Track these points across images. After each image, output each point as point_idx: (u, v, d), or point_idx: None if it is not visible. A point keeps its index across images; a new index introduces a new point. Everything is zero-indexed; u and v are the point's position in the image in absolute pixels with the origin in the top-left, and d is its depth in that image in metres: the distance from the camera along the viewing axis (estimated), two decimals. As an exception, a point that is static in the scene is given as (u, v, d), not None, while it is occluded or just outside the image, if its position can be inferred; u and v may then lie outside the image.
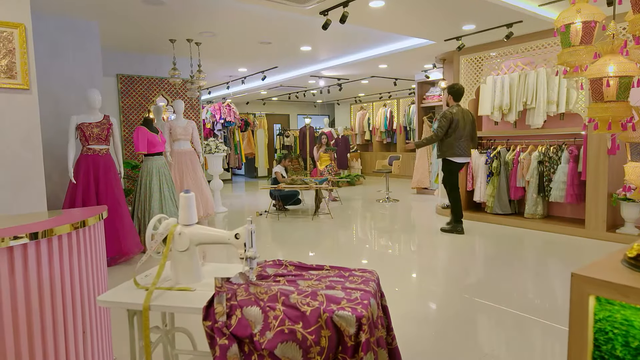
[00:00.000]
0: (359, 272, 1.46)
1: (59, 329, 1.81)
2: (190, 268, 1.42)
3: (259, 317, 1.17)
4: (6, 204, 2.78)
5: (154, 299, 1.30)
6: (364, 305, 1.18)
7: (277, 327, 1.13)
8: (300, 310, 1.16)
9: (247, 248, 1.33)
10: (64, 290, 1.84)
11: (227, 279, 1.29)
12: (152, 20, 4.72)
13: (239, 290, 1.25)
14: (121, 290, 1.39)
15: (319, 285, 1.32)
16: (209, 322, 1.18)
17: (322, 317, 1.13)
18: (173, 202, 4.82)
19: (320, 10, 4.10)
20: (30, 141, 2.88)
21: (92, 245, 2.07)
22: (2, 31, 2.75)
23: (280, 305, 1.19)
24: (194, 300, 1.30)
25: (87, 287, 2.01)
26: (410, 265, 4.04)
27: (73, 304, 1.90)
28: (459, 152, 4.86)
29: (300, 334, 1.11)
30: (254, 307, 1.19)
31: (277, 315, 1.15)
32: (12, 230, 1.75)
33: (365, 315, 1.14)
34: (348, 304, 1.17)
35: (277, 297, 1.21)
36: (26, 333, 1.69)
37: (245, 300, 1.21)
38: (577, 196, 5.00)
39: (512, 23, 4.71)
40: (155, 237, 1.41)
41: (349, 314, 1.13)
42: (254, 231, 1.34)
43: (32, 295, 1.71)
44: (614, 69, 2.91)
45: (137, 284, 1.40)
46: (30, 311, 1.70)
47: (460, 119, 4.81)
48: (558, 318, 2.72)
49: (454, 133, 4.83)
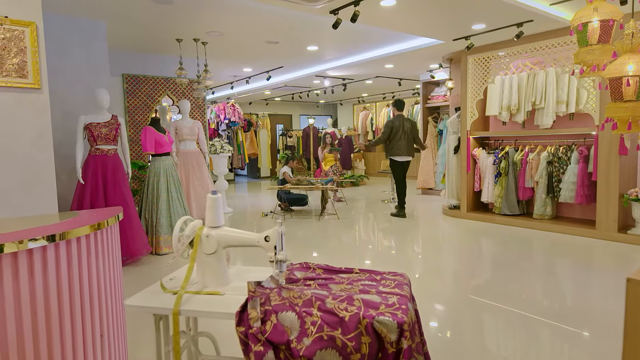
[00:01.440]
0: (390, 275, 1.43)
1: (77, 333, 1.77)
2: (217, 271, 1.39)
3: (295, 323, 1.13)
4: (18, 205, 2.74)
5: (183, 304, 1.26)
6: (404, 310, 1.14)
7: (315, 334, 1.09)
8: (338, 315, 1.12)
9: (278, 251, 1.30)
10: (82, 293, 1.80)
11: (259, 282, 1.25)
12: (160, 20, 4.68)
13: (271, 294, 1.22)
14: (148, 294, 1.36)
15: (352, 290, 1.28)
16: (243, 327, 1.14)
17: (362, 323, 1.09)
18: (181, 202, 4.78)
19: (330, 10, 4.07)
20: (41, 142, 2.84)
21: (109, 247, 2.03)
22: (13, 30, 2.71)
23: (316, 310, 1.15)
24: (223, 304, 1.26)
25: (105, 289, 1.97)
26: (417, 266, 4.00)
27: (91, 307, 1.86)
28: (398, 152, 6.11)
29: (340, 340, 1.08)
30: (289, 313, 1.15)
31: (315, 321, 1.11)
32: (30, 232, 1.71)
33: (406, 321, 1.10)
34: (387, 309, 1.14)
35: (312, 302, 1.17)
36: (45, 338, 1.65)
37: (279, 305, 1.17)
38: (587, 197, 4.97)
39: (523, 22, 4.67)
40: (182, 240, 1.38)
41: (390, 319, 1.10)
42: (284, 233, 1.31)
43: (51, 298, 1.67)
44: (634, 68, 2.88)
45: (164, 288, 1.36)
46: (50, 315, 1.66)
47: (400, 126, 6.06)
48: (567, 320, 2.69)
49: (394, 138, 6.07)
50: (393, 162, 6.24)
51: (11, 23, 2.70)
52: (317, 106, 15.24)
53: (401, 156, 6.12)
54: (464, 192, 6.15)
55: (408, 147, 6.12)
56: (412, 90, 10.99)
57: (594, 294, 3.19)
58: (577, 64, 3.09)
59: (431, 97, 8.96)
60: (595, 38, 2.94)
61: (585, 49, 2.98)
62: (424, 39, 5.88)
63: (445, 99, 8.63)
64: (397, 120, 6.08)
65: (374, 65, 7.35)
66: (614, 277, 3.50)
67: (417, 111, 11.01)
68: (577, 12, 3.04)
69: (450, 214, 6.34)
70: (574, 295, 3.17)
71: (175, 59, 6.27)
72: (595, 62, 2.98)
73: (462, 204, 6.18)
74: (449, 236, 5.21)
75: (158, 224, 4.56)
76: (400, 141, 6.05)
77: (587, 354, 2.28)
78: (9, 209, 2.71)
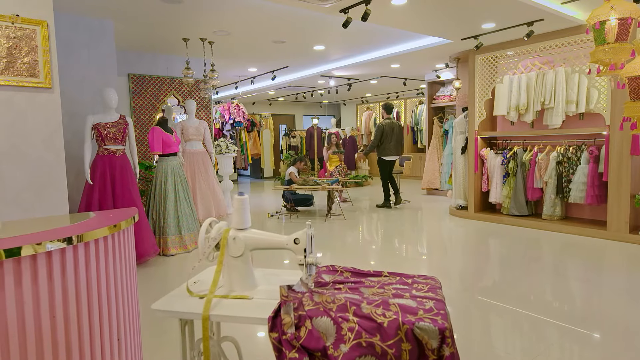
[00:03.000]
0: (421, 278, 1.39)
1: (95, 338, 1.74)
2: (245, 274, 1.35)
3: (331, 329, 1.09)
4: (29, 205, 2.71)
5: (212, 308, 1.22)
6: (443, 315, 1.10)
7: (353, 340, 1.05)
8: (376, 321, 1.08)
9: (308, 254, 1.26)
10: (100, 296, 1.76)
11: (290, 286, 1.21)
12: (167, 19, 4.64)
13: (304, 299, 1.18)
14: (173, 298, 1.32)
15: (385, 294, 1.25)
16: (276, 333, 1.10)
17: (401, 329, 1.06)
18: (188, 203, 4.75)
19: (340, 9, 4.03)
20: (52, 142, 2.80)
21: (125, 249, 2.00)
22: (24, 28, 2.68)
23: (351, 315, 1.11)
24: (253, 309, 1.22)
25: (122, 292, 1.93)
26: (425, 266, 3.96)
27: (109, 311, 1.82)
28: (389, 152, 6.84)
29: (380, 347, 1.04)
30: (324, 318, 1.11)
31: (352, 327, 1.07)
32: (49, 234, 1.67)
33: (447, 327, 1.06)
34: (426, 315, 1.10)
35: (346, 307, 1.14)
36: (64, 342, 1.61)
37: (313, 310, 1.13)
38: (598, 197, 4.92)
39: (533, 21, 4.63)
40: (208, 242, 1.34)
41: (431, 325, 1.06)
42: (313, 236, 1.27)
43: (69, 302, 1.63)
44: (654, 66, 2.83)
45: (190, 292, 1.33)
46: (68, 319, 1.62)
47: (389, 129, 6.76)
48: (578, 321, 2.65)
49: (385, 140, 6.79)
50: (383, 161, 6.94)
51: (22, 22, 2.67)
52: (320, 106, 15.21)
53: (391, 156, 6.88)
54: (471, 193, 6.11)
55: (397, 148, 6.92)
56: (416, 90, 10.95)
57: (605, 295, 3.16)
58: (594, 62, 3.06)
59: (436, 97, 8.92)
60: (613, 36, 2.91)
61: (603, 48, 2.95)
62: (431, 38, 5.84)
63: (450, 99, 8.59)
64: (387, 124, 6.80)
65: (380, 65, 7.32)
66: (626, 279, 3.46)
67: (421, 111, 10.98)
68: (594, 10, 3.00)
69: (457, 215, 6.30)
70: (584, 297, 3.14)
71: (180, 59, 6.24)
72: (613, 61, 2.95)
73: (469, 205, 6.14)
74: (457, 237, 5.17)
75: (165, 224, 4.52)
76: (390, 142, 6.80)
77: (598, 356, 2.24)
78: (20, 210, 2.67)
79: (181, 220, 4.60)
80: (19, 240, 1.57)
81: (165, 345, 2.41)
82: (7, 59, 2.63)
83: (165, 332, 2.56)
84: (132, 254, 2.12)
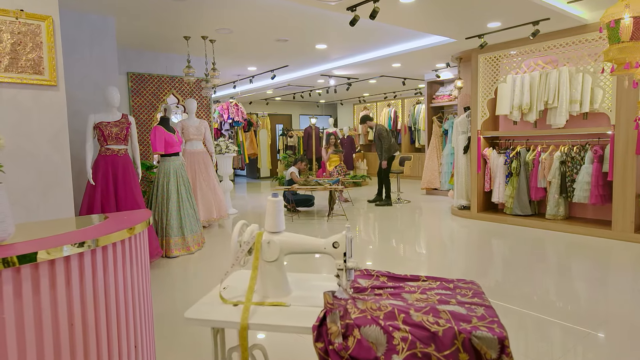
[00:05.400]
0: (461, 283, 1.34)
1: (113, 346, 1.66)
2: (279, 280, 1.29)
3: (381, 338, 1.03)
4: (34, 206, 2.61)
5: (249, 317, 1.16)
6: (499, 323, 1.05)
7: (407, 351, 1.00)
8: (429, 330, 1.03)
9: (347, 258, 1.20)
10: (117, 302, 1.69)
11: (332, 293, 1.15)
12: (171, 16, 4.56)
13: (348, 306, 1.12)
14: (205, 306, 1.25)
15: (429, 300, 1.19)
16: (322, 343, 1.04)
17: (458, 339, 1.00)
18: (191, 204, 4.66)
19: (348, 6, 3.97)
20: (58, 142, 2.71)
21: (140, 253, 1.93)
22: (29, 24, 2.58)
23: (401, 323, 1.06)
24: (292, 317, 1.16)
25: (138, 297, 1.86)
26: (430, 266, 3.92)
27: (126, 318, 1.75)
28: (394, 150, 7.29)
29: (436, 358, 0.98)
30: (373, 326, 1.05)
31: (405, 337, 1.02)
32: (66, 237, 1.60)
33: (506, 336, 1.01)
34: (480, 323, 1.05)
35: (395, 314, 1.08)
36: (82, 350, 1.54)
37: (361, 319, 1.08)
38: (602, 197, 4.92)
39: (539, 20, 4.61)
40: (242, 247, 1.27)
41: (490, 334, 1.01)
42: (352, 239, 1.21)
43: (87, 307, 1.55)
44: (671, 65, 2.81)
45: (223, 299, 1.26)
46: (87, 325, 1.55)
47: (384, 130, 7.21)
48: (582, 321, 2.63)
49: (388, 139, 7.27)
50: (391, 158, 7.24)
51: (27, 17, 2.58)
52: (317, 106, 15.14)
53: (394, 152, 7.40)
54: (474, 193, 6.09)
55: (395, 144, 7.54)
56: (414, 90, 10.93)
57: (611, 294, 3.14)
58: (608, 61, 3.03)
59: (436, 97, 8.91)
60: (628, 35, 2.88)
61: (617, 46, 2.92)
62: (433, 37, 5.81)
63: (450, 98, 8.57)
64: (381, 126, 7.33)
65: (381, 64, 7.28)
66: (632, 278, 3.45)
67: (418, 111, 10.96)
68: (608, 8, 2.98)
69: (459, 215, 6.27)
70: (591, 296, 3.12)
71: (180, 58, 6.15)
72: (628, 60, 2.93)
73: (472, 204, 6.11)
74: (461, 237, 5.14)
75: (168, 226, 4.44)
76: (391, 141, 7.24)
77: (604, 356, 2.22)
78: (25, 211, 2.58)
79: (184, 221, 4.52)
80: (35, 244, 1.50)
81: (175, 349, 2.33)
82: (11, 55, 2.53)
83: (175, 336, 2.48)
84: (146, 258, 2.05)
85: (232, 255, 1.29)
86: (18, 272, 1.37)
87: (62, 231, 1.79)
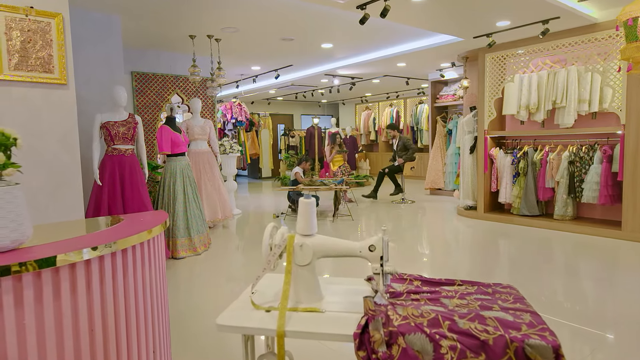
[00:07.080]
0: (499, 287, 1.29)
1: (132, 352, 1.61)
2: (312, 285, 1.24)
3: (428, 347, 0.99)
4: (44, 207, 2.56)
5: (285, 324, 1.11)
6: (551, 331, 1.01)
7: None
8: (478, 338, 0.98)
9: (384, 262, 1.15)
10: (137, 307, 1.64)
11: (372, 298, 1.11)
12: (177, 15, 4.50)
13: (389, 312, 1.07)
14: (236, 312, 1.20)
15: (470, 305, 1.15)
16: (364, 352, 1.00)
17: (510, 347, 0.96)
18: (197, 204, 4.61)
19: (357, 4, 3.93)
20: (67, 142, 2.66)
21: (157, 256, 1.88)
22: (39, 21, 2.53)
23: (447, 331, 1.01)
24: (329, 324, 1.11)
25: (157, 301, 1.81)
26: (436, 267, 3.87)
27: (145, 323, 1.70)
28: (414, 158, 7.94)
29: (487, 367, 0.94)
30: (418, 334, 1.01)
31: (453, 346, 0.97)
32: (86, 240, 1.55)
33: (559, 344, 0.97)
34: (531, 331, 1.00)
35: (439, 321, 1.03)
36: (103, 356, 1.49)
37: (404, 326, 1.03)
38: (612, 197, 4.88)
39: (549, 19, 4.57)
40: (274, 250, 1.22)
41: (544, 343, 0.96)
42: (389, 242, 1.16)
43: (107, 312, 1.50)
44: (692, 64, 2.77)
45: (255, 305, 1.21)
46: (107, 331, 1.50)
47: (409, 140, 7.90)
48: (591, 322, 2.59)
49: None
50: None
51: (37, 14, 2.52)
52: (319, 106, 15.10)
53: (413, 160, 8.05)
54: (480, 193, 6.05)
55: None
56: (417, 90, 10.89)
57: (620, 295, 3.10)
58: (625, 59, 3.00)
59: (439, 97, 8.86)
60: (646, 33, 2.84)
61: (635, 44, 2.88)
62: (440, 36, 5.77)
63: (454, 98, 8.53)
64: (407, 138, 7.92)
65: (386, 64, 7.23)
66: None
67: (421, 111, 10.92)
68: (626, 6, 2.94)
69: (466, 215, 6.23)
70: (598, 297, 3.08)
71: (184, 57, 6.09)
72: (647, 58, 2.89)
73: (478, 205, 6.08)
74: (467, 237, 5.10)
75: (175, 226, 4.39)
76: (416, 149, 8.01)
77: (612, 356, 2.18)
78: (35, 211, 2.53)
79: (190, 222, 4.47)
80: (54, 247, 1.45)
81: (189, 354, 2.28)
82: (20, 53, 2.48)
83: (188, 340, 2.43)
84: (163, 261, 2.00)
85: (263, 258, 1.24)
86: (39, 276, 1.33)
87: (78, 233, 1.74)
